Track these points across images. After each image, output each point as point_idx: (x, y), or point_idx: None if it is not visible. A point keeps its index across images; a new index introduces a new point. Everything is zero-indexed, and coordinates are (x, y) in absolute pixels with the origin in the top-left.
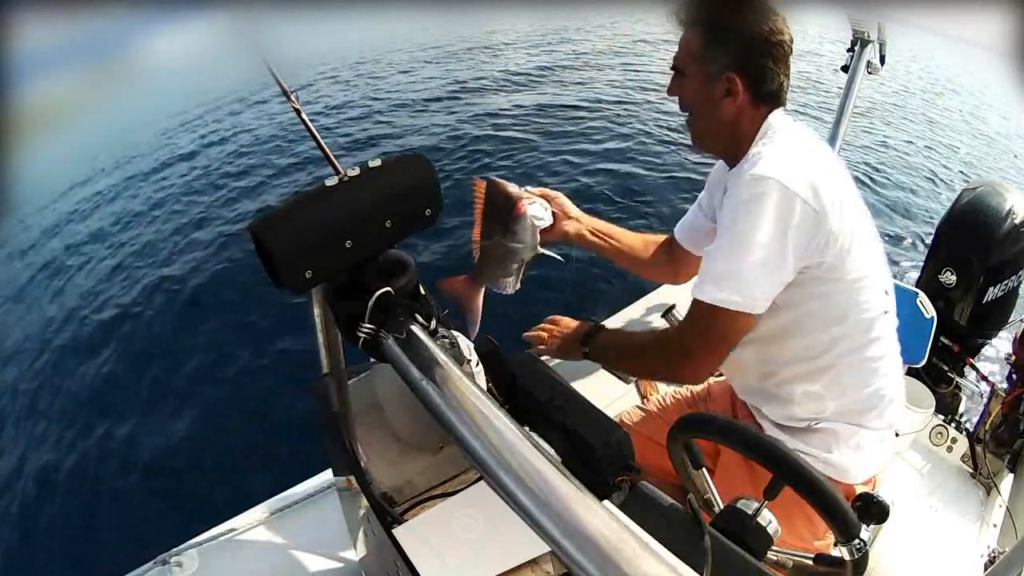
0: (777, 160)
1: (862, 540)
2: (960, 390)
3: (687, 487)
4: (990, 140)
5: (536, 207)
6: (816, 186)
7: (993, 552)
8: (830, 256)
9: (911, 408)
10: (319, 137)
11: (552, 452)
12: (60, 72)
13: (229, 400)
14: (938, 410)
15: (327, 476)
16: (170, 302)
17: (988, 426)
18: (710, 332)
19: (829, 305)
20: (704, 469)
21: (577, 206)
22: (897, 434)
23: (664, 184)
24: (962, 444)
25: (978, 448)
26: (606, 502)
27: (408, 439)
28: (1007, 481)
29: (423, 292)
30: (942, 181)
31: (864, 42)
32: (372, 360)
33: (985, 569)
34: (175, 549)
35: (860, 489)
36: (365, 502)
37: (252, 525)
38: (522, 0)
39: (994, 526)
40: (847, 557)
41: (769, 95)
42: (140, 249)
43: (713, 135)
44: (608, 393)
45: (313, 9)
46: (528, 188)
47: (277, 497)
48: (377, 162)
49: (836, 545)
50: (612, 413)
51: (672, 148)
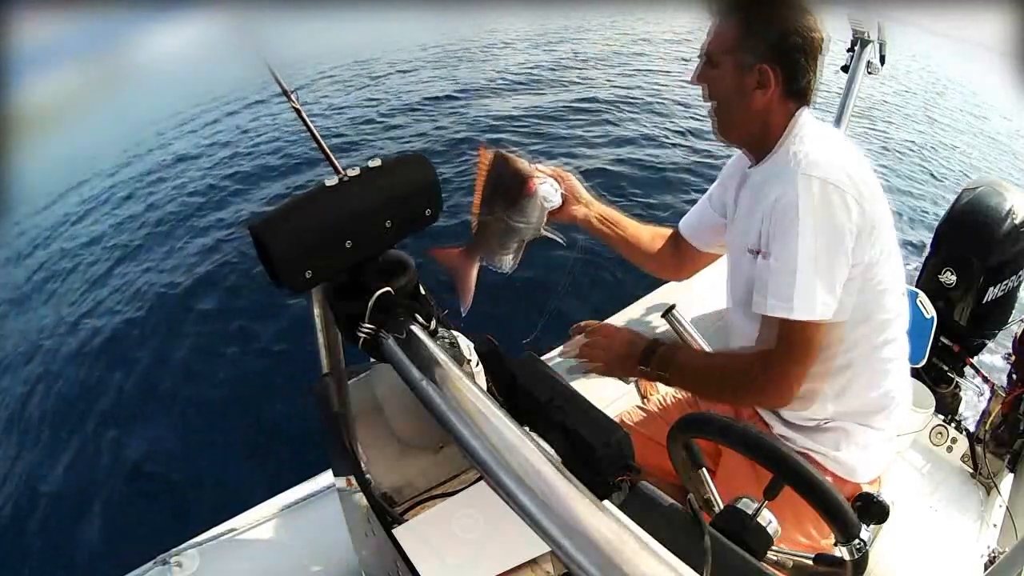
0: (827, 162)
1: (862, 540)
2: (960, 390)
3: (687, 487)
4: (991, 140)
5: (547, 187)
6: (861, 188)
7: (993, 552)
8: (868, 256)
9: (911, 408)
10: (319, 137)
11: (552, 452)
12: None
13: (229, 400)
14: (938, 410)
15: (327, 476)
16: (170, 302)
17: (988, 426)
18: (798, 348)
19: (859, 305)
20: (704, 469)
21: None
22: (897, 434)
23: (661, 182)
24: (962, 444)
25: (978, 448)
26: (606, 502)
27: (408, 439)
28: (1007, 481)
29: (423, 292)
30: (942, 181)
31: (864, 42)
32: (372, 360)
33: (985, 569)
34: (175, 549)
35: (866, 488)
36: (365, 502)
37: (252, 525)
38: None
39: (994, 526)
40: (847, 557)
41: (798, 92)
42: (140, 250)
43: (740, 126)
44: (608, 393)
45: (313, 9)
46: (539, 166)
47: (277, 497)
48: (377, 162)
49: (836, 545)
50: (612, 413)
51: (672, 148)
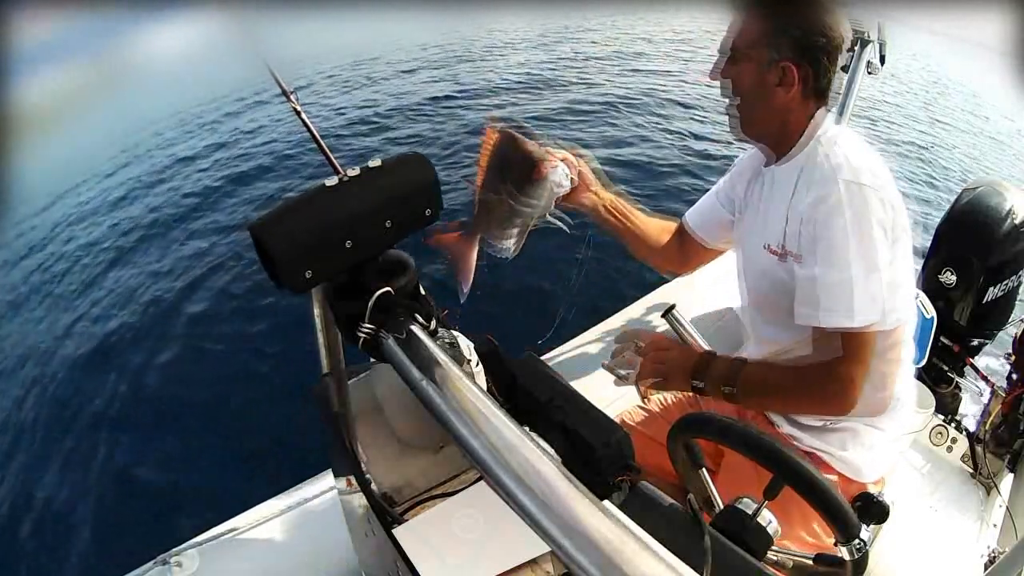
0: (867, 167)
1: (862, 540)
2: (960, 390)
3: (687, 487)
4: (991, 140)
5: (559, 171)
6: (894, 192)
7: (993, 552)
8: (896, 257)
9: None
10: (319, 137)
11: (552, 452)
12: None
13: (228, 400)
14: (938, 410)
15: (327, 476)
16: (169, 302)
17: (988, 426)
18: (860, 356)
19: None
20: (704, 469)
21: None
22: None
23: (659, 182)
24: (962, 444)
25: (978, 448)
26: (606, 502)
27: (408, 439)
28: (1007, 481)
29: (423, 292)
30: (942, 181)
31: (864, 42)
32: (372, 360)
33: (985, 569)
34: (175, 549)
35: (871, 488)
36: (365, 502)
37: (252, 525)
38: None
39: (994, 526)
40: (847, 557)
41: (819, 92)
42: (135, 251)
43: (760, 123)
44: (608, 393)
45: (313, 9)
46: (551, 148)
47: (277, 497)
48: (377, 162)
49: (836, 545)
50: (612, 413)
51: (670, 148)
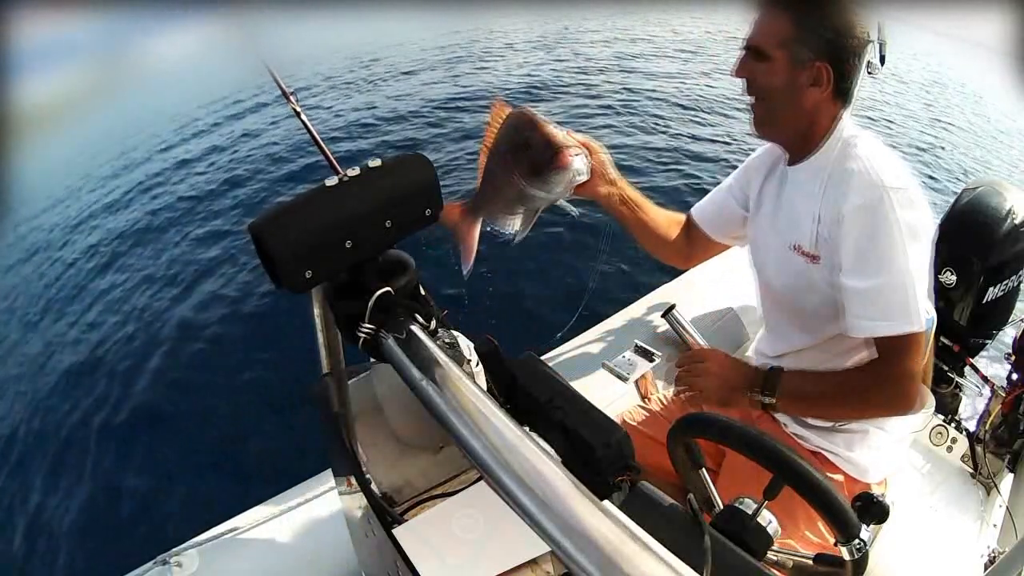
0: (905, 173)
1: (862, 540)
2: (960, 390)
3: (687, 487)
4: (991, 140)
5: (580, 160)
6: (919, 190)
7: (993, 552)
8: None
9: None
10: (319, 138)
11: (552, 452)
12: (59, 72)
13: (228, 400)
14: (938, 410)
15: (327, 476)
16: (168, 302)
17: (988, 426)
18: (917, 358)
19: None
20: (704, 469)
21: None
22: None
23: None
24: (962, 444)
25: (978, 448)
26: (606, 502)
27: (408, 439)
28: (1007, 481)
29: (423, 292)
30: (942, 181)
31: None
32: (372, 360)
33: (985, 569)
34: (175, 549)
35: (876, 489)
36: (365, 502)
37: (252, 525)
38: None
39: (994, 526)
40: (847, 557)
41: (845, 92)
42: (138, 250)
43: (787, 123)
44: (608, 393)
45: (312, 10)
46: (571, 132)
47: (277, 497)
48: (377, 162)
49: (836, 545)
50: (612, 413)
51: (673, 148)
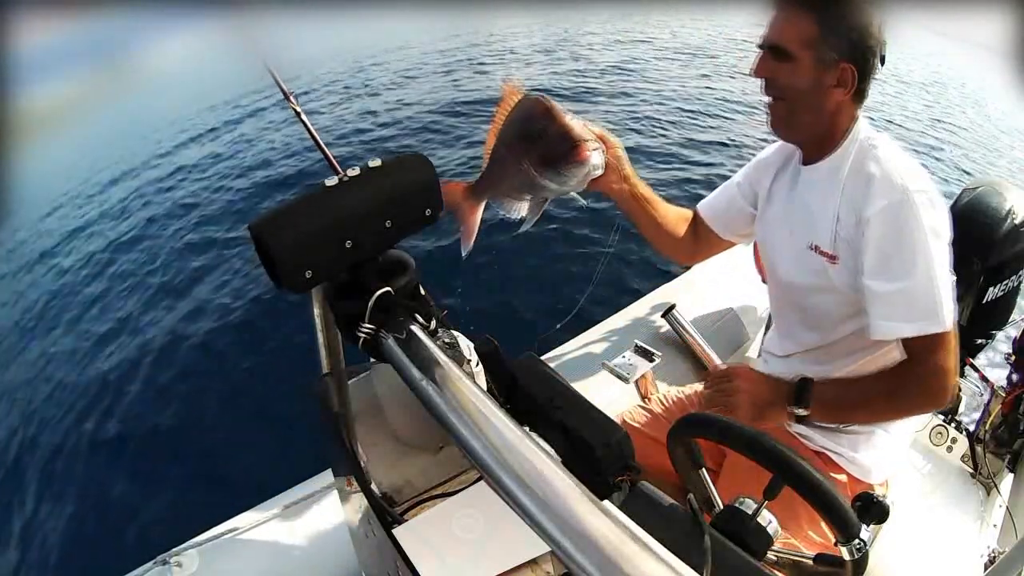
0: (925, 176)
1: (862, 540)
2: (960, 390)
3: (687, 487)
4: (991, 140)
5: (598, 155)
6: (937, 190)
7: (993, 552)
8: None
9: None
10: (319, 138)
11: (552, 452)
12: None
13: (228, 400)
14: (938, 410)
15: (327, 476)
16: (168, 302)
17: (988, 426)
18: (950, 354)
19: None
20: (704, 469)
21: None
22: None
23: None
24: (962, 444)
25: (978, 448)
26: (606, 502)
27: (408, 439)
28: (1007, 481)
29: (423, 292)
30: (942, 181)
31: None
32: (372, 360)
33: (985, 569)
34: (175, 549)
35: (878, 489)
36: (365, 502)
37: (252, 525)
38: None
39: (994, 526)
40: (847, 557)
41: (863, 93)
42: (138, 250)
43: (808, 123)
44: (608, 393)
45: (312, 11)
46: (589, 124)
47: (277, 497)
48: (377, 162)
49: (836, 545)
50: (612, 413)
51: (671, 149)
